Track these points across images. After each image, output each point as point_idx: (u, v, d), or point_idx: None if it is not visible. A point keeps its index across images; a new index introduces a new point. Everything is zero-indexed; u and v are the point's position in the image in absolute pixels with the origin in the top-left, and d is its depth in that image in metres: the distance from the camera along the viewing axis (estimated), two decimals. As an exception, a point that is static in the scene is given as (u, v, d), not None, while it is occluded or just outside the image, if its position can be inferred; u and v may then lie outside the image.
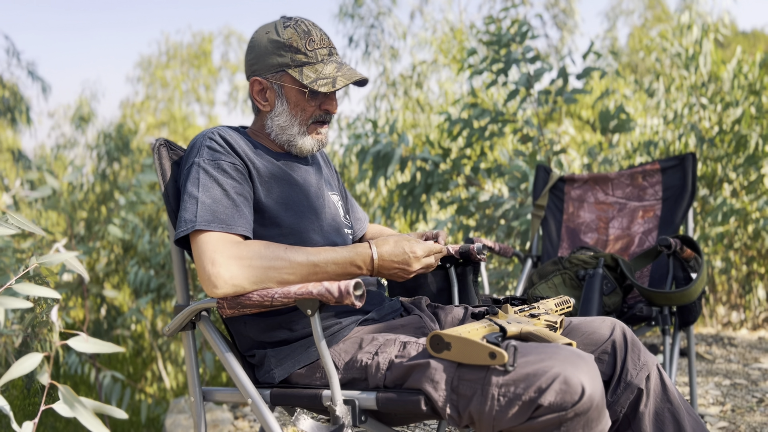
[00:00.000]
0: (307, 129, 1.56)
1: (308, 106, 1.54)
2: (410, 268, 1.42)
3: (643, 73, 11.90)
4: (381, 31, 8.86)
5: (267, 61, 1.53)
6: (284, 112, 1.55)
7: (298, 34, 1.51)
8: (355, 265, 1.39)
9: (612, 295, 2.22)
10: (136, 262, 4.87)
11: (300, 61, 1.51)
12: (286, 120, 1.55)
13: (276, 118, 1.56)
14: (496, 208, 4.17)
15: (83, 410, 1.04)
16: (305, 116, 1.55)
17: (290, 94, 1.54)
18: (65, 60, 38.61)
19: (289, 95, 1.54)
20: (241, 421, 2.98)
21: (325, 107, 1.55)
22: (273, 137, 1.58)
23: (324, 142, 1.60)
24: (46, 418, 3.94)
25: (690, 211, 2.53)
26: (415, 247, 1.42)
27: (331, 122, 1.62)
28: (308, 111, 1.55)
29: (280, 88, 1.54)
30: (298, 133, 1.56)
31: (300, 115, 1.55)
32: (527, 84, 3.93)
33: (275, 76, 1.53)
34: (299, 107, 1.54)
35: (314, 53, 1.52)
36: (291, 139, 1.56)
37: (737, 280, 5.13)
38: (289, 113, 1.55)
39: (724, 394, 3.07)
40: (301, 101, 1.53)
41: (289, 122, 1.55)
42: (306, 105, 1.54)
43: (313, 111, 1.55)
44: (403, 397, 1.27)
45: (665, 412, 1.38)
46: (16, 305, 1.02)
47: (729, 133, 4.51)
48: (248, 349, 1.53)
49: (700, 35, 4.97)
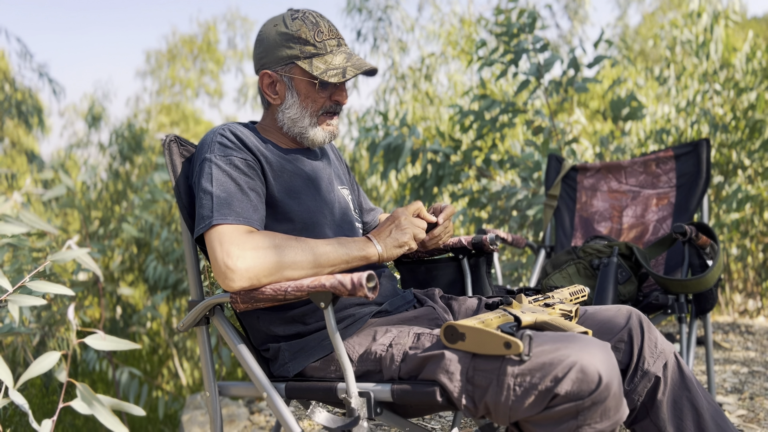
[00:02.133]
0: (318, 120, 1.56)
1: (319, 98, 1.54)
2: (402, 225, 1.49)
3: (655, 61, 11.80)
4: (389, 25, 8.83)
5: (276, 53, 1.53)
6: (295, 104, 1.55)
7: (307, 25, 1.51)
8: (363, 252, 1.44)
9: (627, 284, 2.20)
10: (155, 257, 4.91)
11: (309, 53, 1.51)
12: (297, 112, 1.55)
13: (287, 110, 1.56)
14: (509, 199, 4.15)
15: (101, 408, 1.05)
16: (316, 107, 1.55)
17: (300, 86, 1.54)
18: (76, 59, 38.90)
19: (299, 87, 1.54)
20: (257, 415, 2.99)
21: (335, 98, 1.55)
22: (285, 130, 1.58)
23: (335, 134, 1.60)
24: (64, 416, 3.98)
25: (705, 198, 2.51)
26: (396, 210, 1.51)
27: (341, 113, 1.62)
28: (319, 102, 1.54)
29: (290, 81, 1.54)
30: (309, 125, 1.56)
31: (311, 106, 1.55)
32: (537, 74, 3.91)
33: (285, 68, 1.53)
34: (310, 99, 1.54)
35: (323, 44, 1.51)
36: (302, 131, 1.56)
37: (753, 267, 5.08)
38: (299, 105, 1.55)
39: (742, 381, 3.04)
40: (312, 93, 1.53)
41: (300, 114, 1.55)
42: (316, 96, 1.54)
43: (323, 102, 1.55)
44: (418, 389, 1.27)
45: (683, 400, 1.36)
46: (30, 303, 1.03)
47: (743, 119, 4.46)
48: (262, 343, 1.53)
49: (710, 22, 4.91)
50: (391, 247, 1.46)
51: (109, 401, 1.07)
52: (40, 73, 6.60)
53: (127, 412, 1.12)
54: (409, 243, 1.48)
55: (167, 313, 5.63)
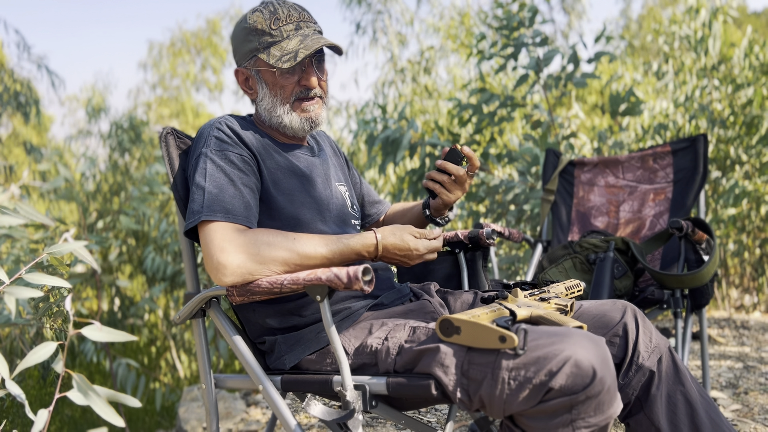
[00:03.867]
0: (292, 107, 1.55)
1: (286, 84, 1.54)
2: (411, 261, 1.45)
3: (655, 56, 11.78)
4: (389, 17, 8.81)
5: (242, 50, 1.56)
6: (266, 95, 1.56)
7: (264, 15, 1.52)
8: (358, 254, 1.41)
9: (623, 279, 2.21)
10: (153, 249, 4.91)
11: (266, 42, 1.52)
12: (269, 102, 1.56)
13: (261, 102, 1.57)
14: (506, 193, 4.15)
15: (97, 398, 1.05)
16: (285, 95, 1.55)
17: (266, 77, 1.55)
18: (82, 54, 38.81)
19: (266, 78, 1.55)
20: (253, 408, 3.00)
21: (303, 83, 1.55)
22: (267, 123, 1.58)
23: (315, 120, 1.58)
24: (62, 407, 3.99)
25: (702, 193, 2.51)
26: (418, 244, 1.44)
27: (323, 96, 1.59)
28: (287, 89, 1.55)
29: (257, 73, 1.55)
30: (284, 113, 1.55)
31: (280, 94, 1.55)
32: (536, 68, 3.91)
33: (250, 62, 1.55)
34: (277, 86, 1.54)
35: (278, 31, 1.52)
36: (279, 120, 1.56)
37: (750, 263, 5.09)
38: (269, 94, 1.55)
39: (737, 376, 3.05)
40: (277, 81, 1.54)
41: (272, 104, 1.56)
42: (283, 83, 1.54)
43: (292, 88, 1.55)
44: (413, 382, 1.28)
45: (677, 395, 1.37)
46: (27, 295, 1.03)
47: (740, 115, 4.46)
48: (258, 336, 1.54)
49: (709, 18, 4.91)
50: (384, 261, 1.47)
51: (105, 392, 1.07)
52: (39, 65, 6.58)
53: (123, 403, 1.12)
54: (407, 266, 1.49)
55: (165, 305, 5.63)
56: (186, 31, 16.93)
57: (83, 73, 37.79)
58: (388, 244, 1.41)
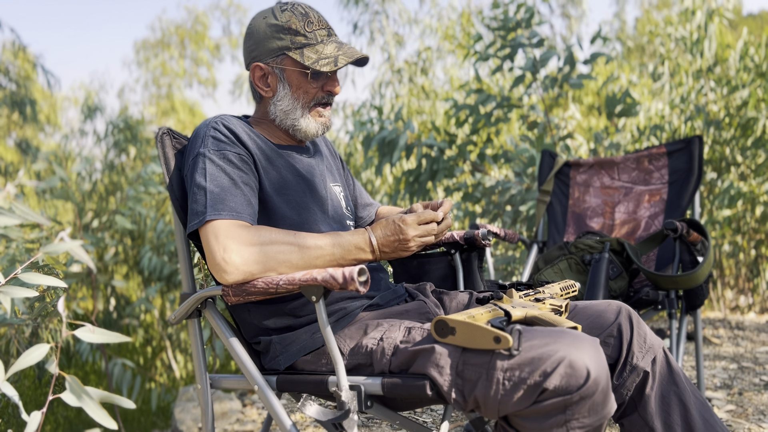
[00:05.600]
0: (310, 111, 1.56)
1: (311, 88, 1.54)
2: (409, 242, 1.42)
3: (651, 57, 11.82)
4: (386, 17, 8.81)
5: (267, 45, 1.53)
6: (287, 96, 1.55)
7: (296, 16, 1.51)
8: (359, 248, 1.41)
9: (618, 280, 2.22)
10: (150, 249, 4.91)
11: (300, 43, 1.51)
12: (289, 104, 1.55)
13: (279, 102, 1.56)
14: (503, 194, 4.16)
15: (89, 400, 1.05)
16: (308, 98, 1.55)
17: (292, 77, 1.54)
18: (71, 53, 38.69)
19: (291, 78, 1.54)
20: (249, 408, 3.00)
21: (327, 88, 1.55)
22: (278, 123, 1.58)
23: (328, 125, 1.60)
24: (57, 408, 3.98)
25: (697, 195, 2.52)
26: (406, 218, 1.42)
27: (333, 105, 1.61)
28: (311, 93, 1.54)
29: (281, 72, 1.54)
30: (301, 116, 1.55)
31: (303, 97, 1.55)
32: (533, 69, 3.91)
33: (276, 60, 1.53)
34: (302, 89, 1.54)
35: (313, 34, 1.51)
36: (294, 122, 1.56)
37: (745, 263, 5.11)
38: (291, 96, 1.55)
39: (732, 377, 3.06)
40: (304, 83, 1.53)
41: (291, 106, 1.55)
42: (308, 87, 1.54)
43: (315, 93, 1.55)
44: (408, 383, 1.28)
45: (671, 395, 1.38)
46: (21, 294, 1.03)
47: (735, 116, 4.48)
48: (254, 336, 1.54)
49: (704, 19, 4.92)
50: (386, 257, 1.45)
51: (98, 394, 1.07)
52: (35, 64, 6.57)
53: (117, 404, 1.12)
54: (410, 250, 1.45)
55: (161, 305, 5.63)
56: (169, 21, 16.77)
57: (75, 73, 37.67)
58: (379, 234, 1.42)
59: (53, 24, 37.83)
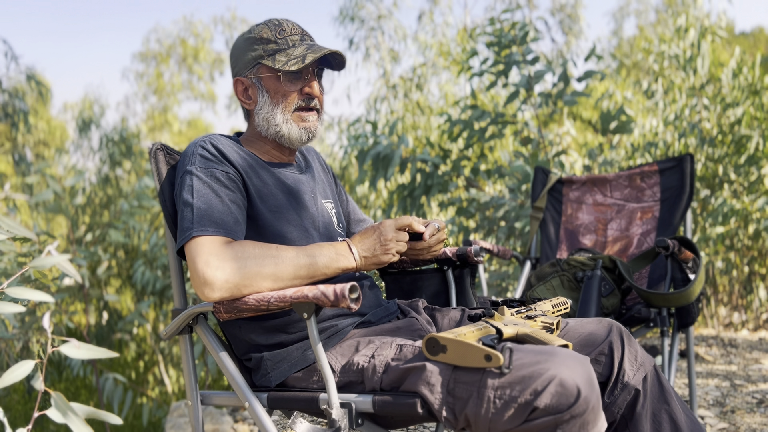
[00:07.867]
0: (291, 117, 1.56)
1: (288, 92, 1.55)
2: (389, 243, 1.46)
3: (647, 73, 11.90)
4: (382, 34, 8.87)
5: (243, 59, 1.56)
6: (266, 103, 1.56)
7: (269, 27, 1.55)
8: (340, 254, 1.43)
9: (610, 297, 2.22)
10: (143, 263, 4.90)
11: (272, 50, 1.53)
12: (269, 110, 1.56)
13: (260, 111, 1.57)
14: (497, 210, 4.17)
15: (74, 417, 1.04)
16: (287, 103, 1.55)
17: (269, 84, 1.55)
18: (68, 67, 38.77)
19: (268, 85, 1.55)
20: (240, 424, 2.98)
21: (306, 91, 1.56)
22: (264, 134, 1.58)
23: (312, 131, 1.58)
24: (46, 423, 3.95)
25: (688, 212, 2.53)
26: (383, 222, 1.48)
27: (319, 111, 1.61)
28: (289, 97, 1.55)
29: (258, 81, 1.56)
30: (283, 122, 1.55)
31: (281, 102, 1.55)
32: (527, 85, 3.94)
33: (252, 70, 1.56)
34: (279, 94, 1.55)
35: (284, 39, 1.54)
36: (278, 129, 1.56)
37: (738, 280, 5.12)
38: (270, 102, 1.56)
39: (724, 395, 3.06)
40: (280, 87, 1.54)
41: (272, 112, 1.56)
42: (285, 90, 1.54)
43: (294, 96, 1.55)
44: (399, 400, 1.27)
45: (662, 413, 1.37)
46: (11, 310, 1.02)
47: (729, 134, 4.51)
48: (245, 353, 1.53)
49: (697, 37, 4.97)
50: (370, 263, 1.46)
51: (84, 410, 1.06)
52: (28, 76, 6.57)
53: (104, 420, 1.11)
54: (390, 261, 1.48)
55: (154, 319, 5.60)
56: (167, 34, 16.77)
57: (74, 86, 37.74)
58: (356, 240, 1.46)
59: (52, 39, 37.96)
